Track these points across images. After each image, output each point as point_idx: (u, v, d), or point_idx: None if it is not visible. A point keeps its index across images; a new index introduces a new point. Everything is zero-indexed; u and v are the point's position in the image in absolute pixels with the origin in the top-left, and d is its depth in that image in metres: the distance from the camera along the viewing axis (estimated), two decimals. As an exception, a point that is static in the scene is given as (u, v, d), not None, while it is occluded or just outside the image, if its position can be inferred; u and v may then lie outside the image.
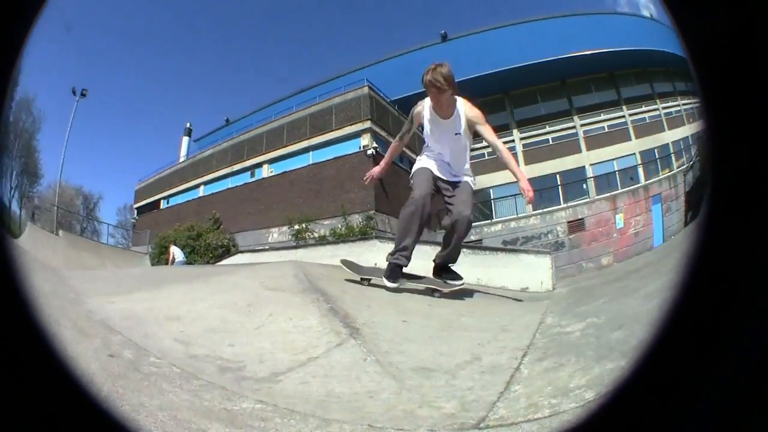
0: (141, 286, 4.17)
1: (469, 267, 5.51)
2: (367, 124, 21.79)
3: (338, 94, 23.84)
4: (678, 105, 26.54)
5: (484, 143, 4.50)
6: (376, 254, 7.86)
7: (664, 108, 27.14)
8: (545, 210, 21.91)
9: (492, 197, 25.14)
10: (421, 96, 4.50)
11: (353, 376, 2.00)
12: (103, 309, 3.00)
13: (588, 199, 23.03)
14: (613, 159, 26.55)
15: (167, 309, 3.08)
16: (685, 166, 21.79)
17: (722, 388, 0.61)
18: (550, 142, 28.58)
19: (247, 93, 65.57)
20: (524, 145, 28.69)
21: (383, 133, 21.90)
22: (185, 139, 38.92)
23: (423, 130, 4.62)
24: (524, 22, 27.79)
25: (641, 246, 19.23)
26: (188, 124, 39.56)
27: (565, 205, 22.94)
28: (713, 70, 0.62)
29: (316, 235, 19.09)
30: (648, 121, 27.45)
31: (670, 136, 25.93)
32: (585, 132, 28.01)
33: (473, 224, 4.49)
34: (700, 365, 0.62)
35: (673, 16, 0.65)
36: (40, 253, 13.74)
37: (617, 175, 25.08)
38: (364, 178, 4.95)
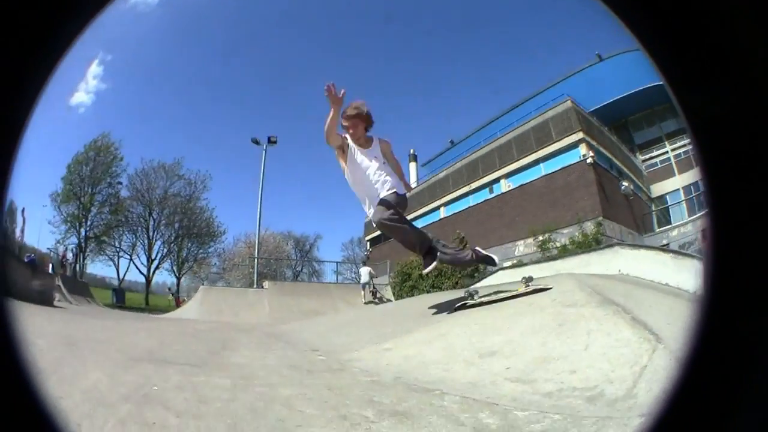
0: (417, 325, 4.27)
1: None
2: (580, 135, 22.00)
3: (549, 107, 24.18)
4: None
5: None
6: (619, 260, 8.04)
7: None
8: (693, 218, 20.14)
9: (669, 203, 24.55)
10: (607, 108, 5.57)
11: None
12: (388, 358, 3.22)
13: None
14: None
15: (472, 345, 3.04)
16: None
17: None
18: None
19: (463, 112, 66.00)
20: (675, 156, 26.99)
21: (594, 143, 22.02)
22: (412, 165, 40.28)
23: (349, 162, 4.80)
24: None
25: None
26: (412, 150, 40.95)
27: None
28: (716, 151, 0.61)
29: (557, 244, 18.93)
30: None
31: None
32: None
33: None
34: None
35: (675, 95, 0.63)
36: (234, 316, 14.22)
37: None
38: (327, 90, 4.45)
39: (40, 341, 3.40)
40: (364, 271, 21.87)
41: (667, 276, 5.92)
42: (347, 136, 4.77)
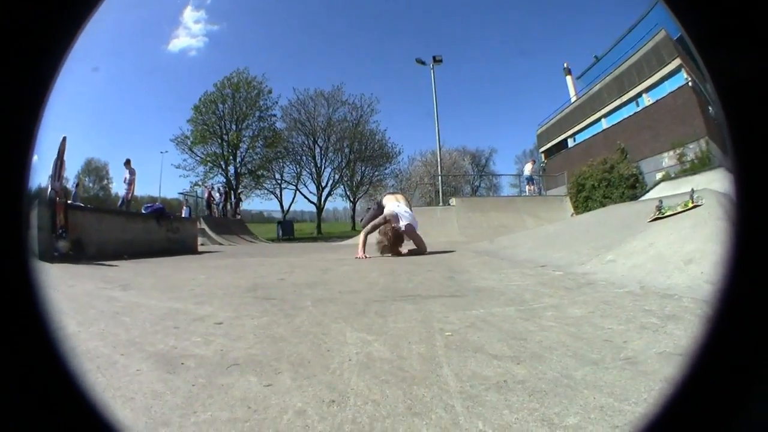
0: (623, 236, 4.46)
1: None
2: (678, 61, 21.26)
3: (656, 32, 23.33)
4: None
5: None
6: (722, 181, 8.88)
7: None
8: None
9: None
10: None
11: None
12: (619, 269, 3.44)
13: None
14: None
15: (676, 253, 3.26)
16: None
17: None
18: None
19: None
20: None
21: (688, 68, 20.98)
22: (568, 78, 39.37)
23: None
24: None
25: None
26: (566, 64, 40.02)
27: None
28: (743, 115, 0.58)
29: (688, 158, 18.82)
30: None
31: None
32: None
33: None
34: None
35: (701, 55, 0.60)
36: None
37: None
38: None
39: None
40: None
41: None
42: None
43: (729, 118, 0.59)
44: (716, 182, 8.73)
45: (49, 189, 7.89)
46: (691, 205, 4.32)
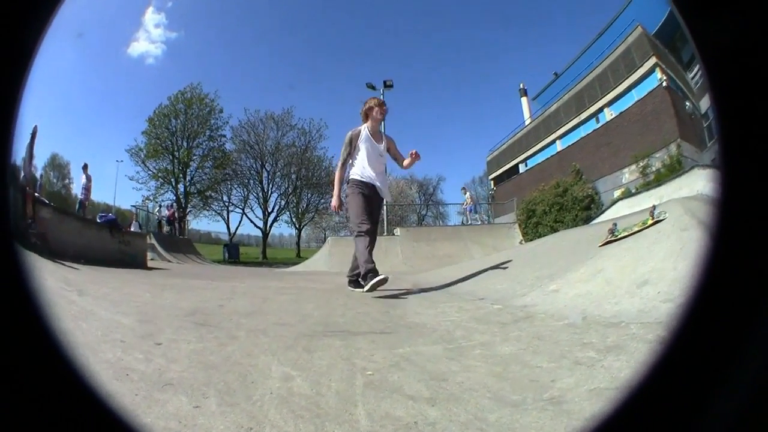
0: (570, 263, 4.41)
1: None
2: (654, 60, 21.15)
3: (627, 34, 23.23)
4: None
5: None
6: (698, 182, 8.73)
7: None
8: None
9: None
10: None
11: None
12: (561, 299, 3.37)
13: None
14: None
15: (627, 277, 3.22)
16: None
17: (737, 390, 0.58)
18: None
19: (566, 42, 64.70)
20: None
21: (664, 65, 21.10)
22: (524, 100, 38.56)
23: (356, 151, 5.40)
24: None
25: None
26: (522, 85, 39.17)
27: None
28: (729, 81, 0.59)
29: (653, 169, 18.62)
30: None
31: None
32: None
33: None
34: (716, 366, 0.59)
35: (687, 25, 0.62)
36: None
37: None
38: (330, 211, 5.08)
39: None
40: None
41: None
42: (368, 124, 5.41)
43: (713, 84, 0.61)
44: (685, 188, 8.83)
45: (21, 175, 7.76)
46: (651, 221, 4.18)
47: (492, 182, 37.44)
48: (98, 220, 10.99)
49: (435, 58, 72.83)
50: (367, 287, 4.83)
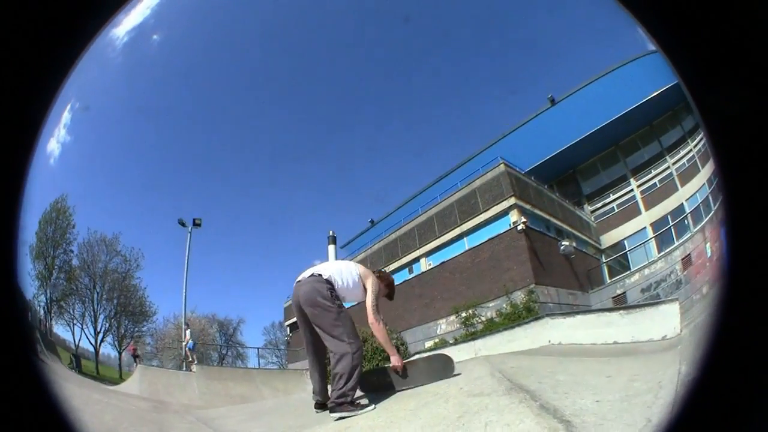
0: (326, 417, 4.12)
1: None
2: (512, 201, 21.50)
3: (478, 176, 23.70)
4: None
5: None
6: (550, 331, 8.05)
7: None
8: (666, 252, 20.36)
9: (627, 248, 24.16)
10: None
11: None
12: None
13: (689, 234, 21.43)
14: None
15: None
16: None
17: None
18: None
19: (385, 190, 65.37)
20: (642, 191, 26.07)
21: (528, 206, 21.84)
22: (331, 248, 37.27)
23: (363, 294, 4.87)
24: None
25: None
26: (331, 232, 38.50)
27: (677, 244, 20.92)
28: (731, 149, 0.60)
29: (483, 319, 18.58)
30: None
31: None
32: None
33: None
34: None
35: (691, 94, 0.63)
36: (168, 396, 14.16)
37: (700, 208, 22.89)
38: (397, 371, 4.73)
39: None
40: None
41: (615, 334, 5.91)
42: (381, 285, 5.06)
43: (717, 152, 0.64)
44: (521, 339, 8.57)
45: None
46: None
47: (288, 328, 36.82)
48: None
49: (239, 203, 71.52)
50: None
